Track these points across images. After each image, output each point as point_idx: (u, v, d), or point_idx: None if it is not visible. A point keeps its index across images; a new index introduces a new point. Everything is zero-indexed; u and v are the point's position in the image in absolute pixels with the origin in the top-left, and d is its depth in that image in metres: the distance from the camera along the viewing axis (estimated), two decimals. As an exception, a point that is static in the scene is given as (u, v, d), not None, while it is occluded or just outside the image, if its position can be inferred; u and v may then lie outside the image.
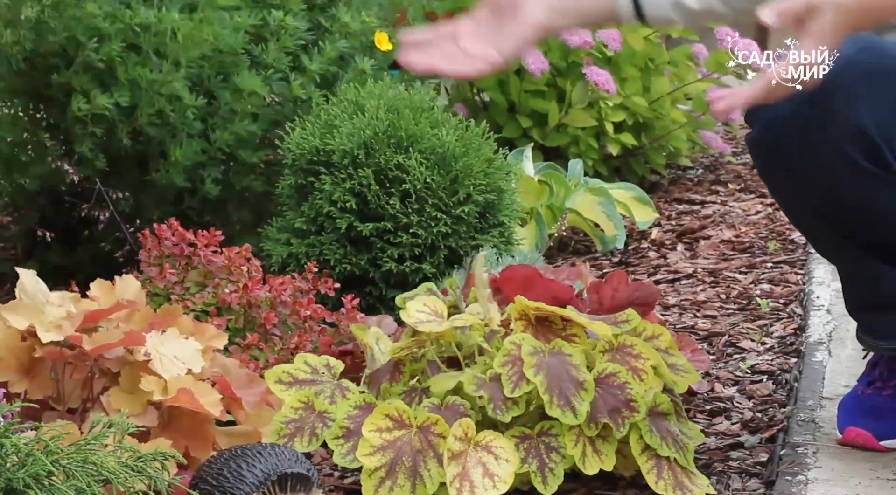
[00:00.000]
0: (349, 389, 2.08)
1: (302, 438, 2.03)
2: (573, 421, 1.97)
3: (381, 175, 2.73)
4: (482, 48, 2.04)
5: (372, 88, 2.84)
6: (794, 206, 2.10)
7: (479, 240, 2.77)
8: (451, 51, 2.05)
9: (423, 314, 2.05)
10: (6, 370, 2.03)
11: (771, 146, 2.02)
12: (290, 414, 2.05)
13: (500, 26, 2.07)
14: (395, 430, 1.95)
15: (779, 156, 2.01)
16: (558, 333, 2.08)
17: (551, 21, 2.08)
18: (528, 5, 2.07)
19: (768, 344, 2.69)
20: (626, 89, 3.82)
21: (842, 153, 1.96)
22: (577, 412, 1.97)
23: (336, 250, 2.72)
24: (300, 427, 2.04)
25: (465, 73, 2.04)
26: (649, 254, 3.34)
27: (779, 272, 3.13)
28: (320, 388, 2.08)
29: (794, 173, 2.01)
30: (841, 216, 2.03)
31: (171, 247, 2.50)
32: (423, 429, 1.96)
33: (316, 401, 2.05)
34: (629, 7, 2.12)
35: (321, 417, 2.03)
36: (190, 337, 2.13)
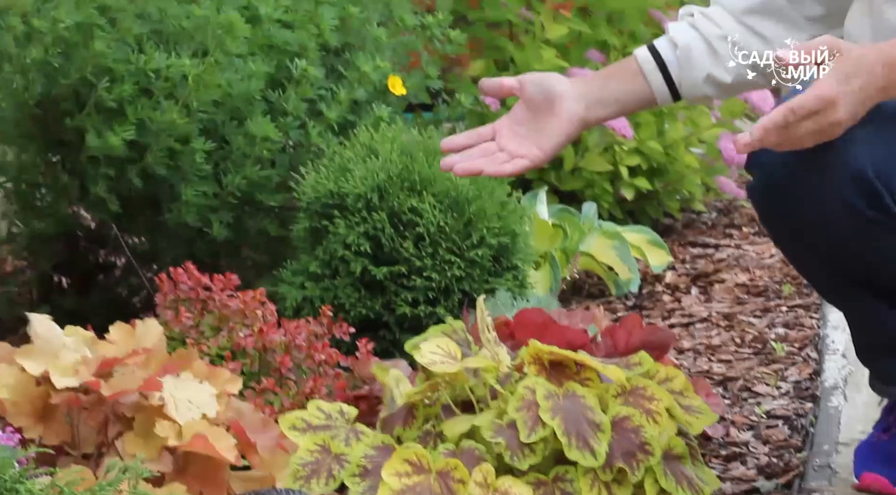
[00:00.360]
0: (363, 433, 2.08)
1: (319, 480, 2.03)
2: (593, 463, 1.97)
3: (395, 218, 2.73)
4: (523, 147, 2.08)
5: (385, 132, 2.85)
6: (796, 254, 2.10)
7: (492, 283, 2.77)
8: (491, 151, 2.09)
9: (437, 355, 2.05)
10: (20, 415, 2.03)
11: (770, 194, 2.02)
12: (307, 457, 2.05)
13: (538, 123, 2.11)
14: (414, 475, 1.95)
15: (779, 204, 2.01)
16: (572, 377, 2.08)
17: (589, 114, 2.13)
18: (565, 101, 2.11)
19: (783, 388, 2.68)
20: (641, 134, 3.83)
21: (841, 199, 1.95)
22: (597, 453, 1.97)
23: (350, 294, 2.73)
24: (316, 469, 2.04)
25: (508, 172, 2.08)
26: (663, 297, 3.34)
27: (794, 316, 3.13)
28: (335, 433, 2.08)
29: (795, 221, 2.01)
30: (844, 262, 2.03)
31: (186, 291, 2.50)
32: (443, 474, 1.95)
33: (332, 444, 2.05)
34: (664, 91, 2.16)
35: (338, 459, 2.04)
36: (205, 381, 2.13)
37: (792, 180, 1.98)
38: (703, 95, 2.19)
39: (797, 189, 1.98)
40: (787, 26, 2.14)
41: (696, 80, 2.16)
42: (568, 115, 2.10)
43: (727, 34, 2.15)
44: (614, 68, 2.22)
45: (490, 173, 2.09)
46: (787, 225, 2.04)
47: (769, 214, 2.06)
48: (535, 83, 2.13)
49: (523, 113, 2.12)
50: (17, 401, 2.03)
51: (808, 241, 2.02)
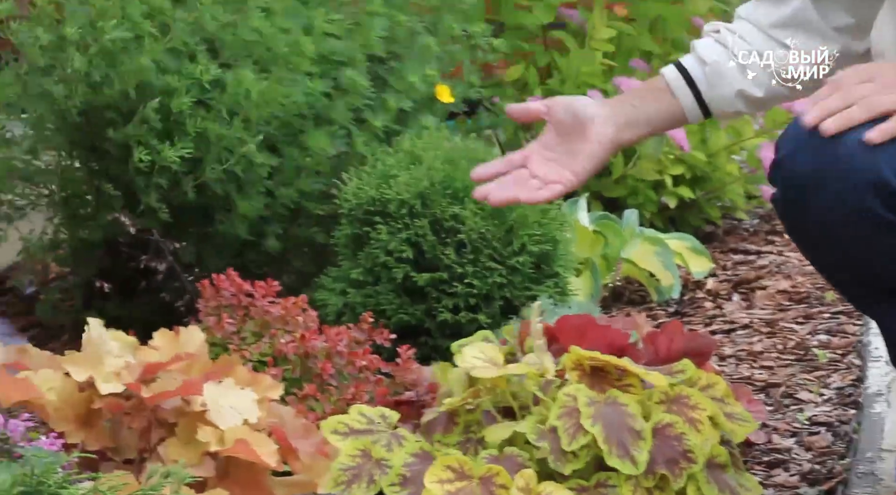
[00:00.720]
0: (405, 438, 2.09)
1: (360, 484, 2.03)
2: (633, 471, 1.97)
3: (437, 225, 2.74)
4: (555, 172, 2.08)
5: (429, 139, 2.85)
6: (822, 263, 2.09)
7: (534, 290, 2.77)
8: (524, 178, 2.09)
9: (479, 360, 2.06)
10: (64, 420, 2.04)
11: (793, 205, 2.01)
12: (348, 462, 2.05)
13: (570, 146, 2.11)
14: (456, 482, 1.95)
15: (802, 214, 2.00)
16: (613, 383, 2.07)
17: (621, 135, 2.13)
18: (595, 124, 2.11)
19: (826, 395, 2.67)
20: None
21: (864, 206, 1.94)
22: (637, 461, 1.97)
23: (392, 300, 2.73)
24: (358, 474, 2.04)
25: (543, 199, 2.08)
26: (705, 304, 3.32)
27: (836, 322, 3.11)
28: (376, 437, 2.09)
29: (818, 230, 2.00)
30: (869, 270, 2.01)
31: (228, 298, 2.51)
32: (485, 481, 1.95)
33: (373, 449, 2.05)
34: (695, 108, 2.15)
35: (379, 464, 2.04)
36: (246, 387, 2.14)
37: (813, 190, 1.97)
38: (734, 111, 2.19)
39: (818, 199, 1.97)
40: (815, 38, 2.14)
41: (726, 96, 2.16)
42: (599, 137, 2.11)
43: (755, 48, 2.15)
44: (642, 88, 2.22)
45: (525, 200, 2.10)
46: (811, 234, 2.03)
47: (793, 225, 2.05)
48: (563, 107, 2.13)
49: (553, 137, 2.12)
50: (60, 407, 2.05)
51: (833, 250, 2.02)
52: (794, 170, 1.96)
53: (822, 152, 1.91)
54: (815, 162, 1.92)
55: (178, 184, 2.86)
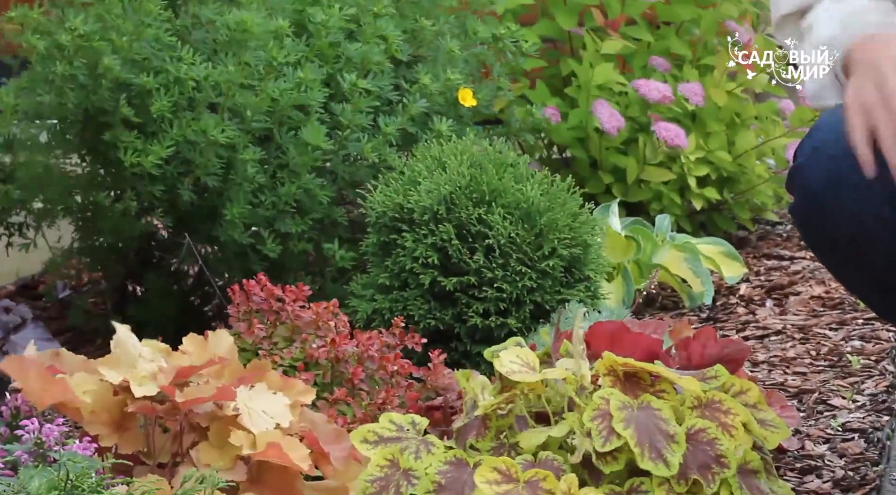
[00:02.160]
0: (434, 444, 2.08)
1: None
2: (665, 473, 1.96)
3: (464, 230, 2.73)
4: None
5: (455, 145, 2.85)
6: (841, 274, 2.08)
7: (564, 294, 2.76)
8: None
9: (516, 365, 2.06)
10: (98, 424, 2.05)
11: (811, 216, 2.00)
12: (376, 473, 2.04)
13: None
14: (503, 484, 1.95)
15: (819, 225, 1.99)
16: (646, 389, 2.07)
17: None
18: None
19: (860, 401, 2.65)
20: (711, 144, 3.80)
21: (880, 217, 1.93)
22: (670, 464, 1.96)
23: (420, 305, 2.73)
24: (385, 485, 2.03)
25: None
26: (738, 309, 3.31)
27: (870, 329, 3.09)
28: (405, 445, 2.08)
29: (836, 241, 1.99)
30: (889, 279, 2.00)
31: (259, 303, 2.51)
32: (531, 484, 1.95)
33: (401, 458, 2.04)
34: None
35: (406, 475, 2.03)
36: (278, 392, 2.14)
37: (830, 201, 1.96)
38: None
39: (835, 210, 1.96)
40: None
41: None
42: None
43: None
44: None
45: None
46: (828, 245, 2.02)
47: (810, 236, 2.04)
48: None
49: None
50: (95, 410, 2.05)
51: (851, 261, 2.01)
52: (810, 180, 1.95)
53: (836, 162, 1.90)
54: (830, 174, 1.91)
55: (175, 187, 2.84)
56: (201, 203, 2.88)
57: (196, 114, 2.78)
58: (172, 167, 2.82)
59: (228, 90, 2.77)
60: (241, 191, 2.82)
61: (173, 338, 2.24)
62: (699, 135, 3.78)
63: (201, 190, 2.86)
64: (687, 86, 3.73)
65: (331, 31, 2.92)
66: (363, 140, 2.90)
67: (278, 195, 2.86)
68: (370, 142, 2.90)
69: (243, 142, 2.81)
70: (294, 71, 2.84)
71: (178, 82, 2.78)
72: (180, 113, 2.79)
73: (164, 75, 2.79)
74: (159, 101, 2.75)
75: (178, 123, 2.77)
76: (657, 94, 3.67)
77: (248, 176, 2.81)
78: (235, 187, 2.82)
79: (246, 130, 2.82)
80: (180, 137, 2.76)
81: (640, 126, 3.75)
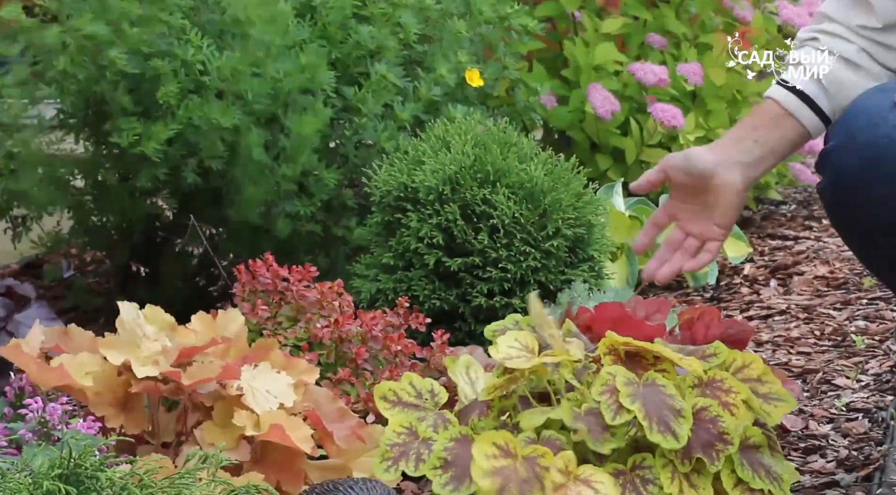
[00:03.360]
0: (450, 421, 2.09)
1: (408, 462, 2.04)
2: (675, 445, 1.96)
3: (468, 210, 2.73)
4: (705, 226, 2.09)
5: (460, 124, 2.85)
6: (867, 257, 2.08)
7: (568, 274, 2.76)
8: (679, 241, 2.13)
9: (514, 350, 2.05)
10: (103, 404, 2.05)
11: (839, 200, 1.99)
12: (394, 438, 2.06)
13: (704, 201, 2.10)
14: (501, 458, 1.96)
15: (847, 209, 1.99)
16: (648, 369, 2.07)
17: (749, 175, 2.10)
18: (718, 176, 2.08)
19: (864, 381, 2.65)
20: (711, 122, 3.79)
21: None
22: (679, 436, 1.97)
23: (425, 286, 2.73)
24: (405, 451, 2.05)
25: (706, 263, 2.11)
26: (742, 289, 3.31)
27: (874, 309, 3.09)
28: (423, 415, 2.10)
29: (862, 226, 1.99)
30: None
31: (264, 283, 2.51)
32: (529, 460, 1.96)
33: (420, 427, 2.06)
34: (818, 124, 2.09)
35: (426, 443, 2.05)
36: (282, 371, 2.14)
37: (859, 188, 1.96)
38: None
39: (864, 196, 1.96)
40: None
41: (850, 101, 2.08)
42: (727, 189, 2.07)
43: (862, 47, 2.08)
44: (754, 120, 2.11)
45: (688, 269, 2.13)
46: (854, 230, 2.02)
47: (837, 218, 2.04)
48: (679, 170, 2.09)
49: (684, 194, 2.10)
50: (99, 391, 2.05)
51: (877, 246, 2.00)
52: (844, 163, 1.95)
53: (872, 147, 1.89)
54: (862, 161, 1.91)
55: (179, 171, 2.84)
56: (205, 185, 2.88)
57: (203, 98, 2.78)
58: (175, 149, 2.82)
59: (234, 76, 2.77)
60: (257, 172, 2.82)
61: (178, 320, 2.24)
62: (699, 114, 3.77)
63: (205, 172, 2.86)
64: (685, 66, 3.72)
65: (336, 11, 2.91)
66: (379, 127, 2.90)
67: (278, 177, 2.86)
68: (385, 130, 2.90)
69: (247, 124, 2.81)
70: (297, 53, 2.84)
71: (186, 66, 2.77)
72: (186, 97, 2.78)
73: (171, 59, 2.78)
74: (166, 86, 2.75)
75: (185, 107, 2.77)
76: (653, 77, 3.66)
77: (254, 159, 2.81)
78: (244, 168, 2.82)
79: (249, 113, 2.82)
80: (186, 121, 2.76)
81: (640, 106, 3.75)
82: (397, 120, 2.93)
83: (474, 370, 2.13)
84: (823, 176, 2.01)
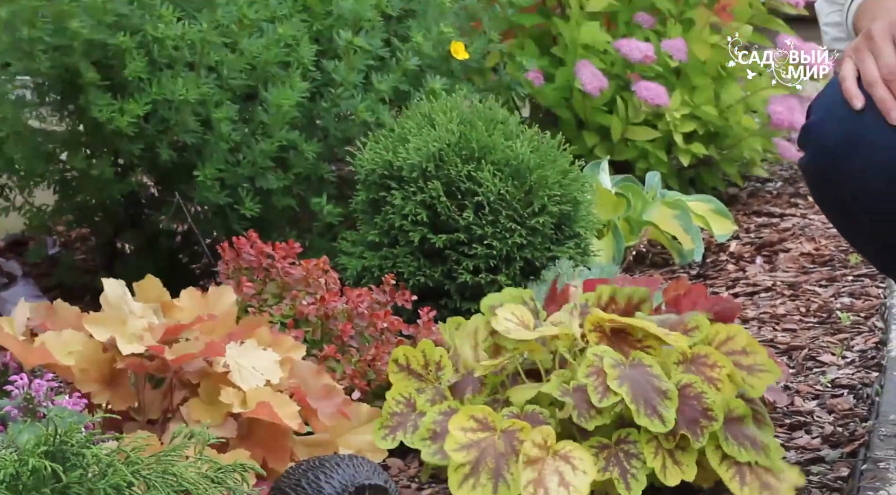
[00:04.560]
0: (446, 397, 2.11)
1: (405, 433, 2.11)
2: (662, 429, 1.98)
3: (453, 187, 2.73)
4: None
5: (445, 102, 2.84)
6: (849, 232, 2.08)
7: (554, 251, 2.76)
8: None
9: (512, 323, 2.06)
10: (88, 381, 2.05)
11: (821, 174, 2.00)
12: (394, 407, 2.13)
13: None
14: (479, 432, 1.98)
15: (829, 183, 1.99)
16: (634, 345, 2.08)
17: None
18: None
19: (849, 358, 2.66)
20: (696, 98, 3.79)
21: (890, 178, 1.93)
22: (665, 419, 1.98)
23: (410, 263, 2.72)
24: (402, 422, 2.11)
25: None
26: (728, 266, 3.31)
27: (860, 285, 3.10)
28: (423, 388, 2.13)
29: (845, 200, 1.99)
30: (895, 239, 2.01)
31: (249, 260, 2.51)
32: (508, 434, 1.97)
33: (418, 400, 2.09)
34: None
35: (422, 416, 2.10)
36: (268, 348, 2.14)
37: (841, 160, 1.96)
38: None
39: (846, 169, 1.96)
40: None
41: None
42: None
43: None
44: None
45: None
46: (837, 204, 2.02)
47: (820, 193, 2.04)
48: None
49: None
50: (85, 368, 2.05)
51: (859, 220, 2.01)
52: (825, 136, 1.95)
53: (852, 120, 1.90)
54: (845, 130, 1.91)
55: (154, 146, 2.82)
56: (182, 162, 2.86)
57: (174, 72, 2.76)
58: (151, 126, 2.80)
59: (203, 48, 2.75)
60: (219, 149, 2.81)
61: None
62: (684, 91, 3.77)
63: (181, 148, 2.85)
64: (670, 42, 3.71)
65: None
66: (356, 97, 2.89)
67: (255, 153, 2.84)
68: (363, 101, 2.89)
69: (220, 99, 2.79)
70: (274, 27, 2.82)
71: (157, 41, 2.75)
72: (157, 72, 2.77)
73: (141, 35, 2.76)
74: (133, 63, 2.73)
75: (157, 82, 2.75)
76: (639, 54, 3.65)
77: (223, 134, 2.79)
78: (212, 146, 2.81)
79: (224, 88, 2.80)
80: (159, 96, 2.75)
81: (626, 84, 3.74)
82: (376, 92, 2.91)
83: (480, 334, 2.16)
84: (805, 151, 2.02)
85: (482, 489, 1.94)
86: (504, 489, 1.94)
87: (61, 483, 1.66)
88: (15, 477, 1.65)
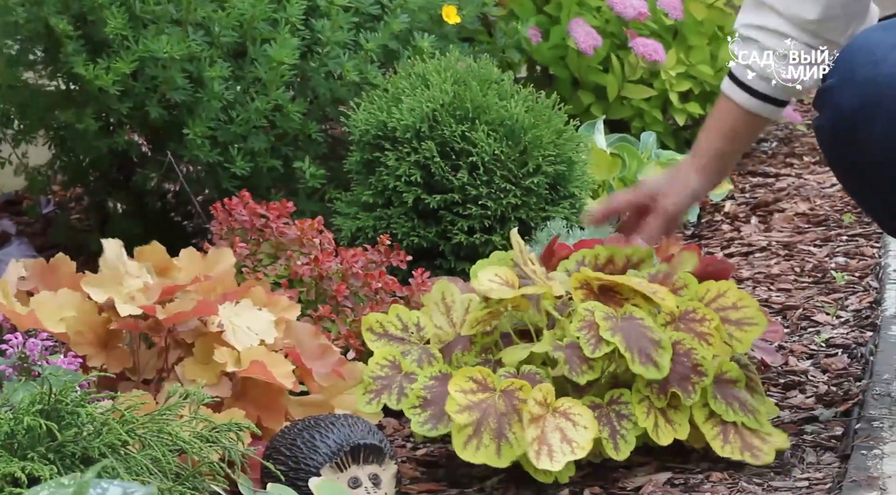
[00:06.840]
0: (434, 356, 2.09)
1: (390, 396, 2.05)
2: (657, 375, 1.98)
3: (447, 147, 2.72)
4: None
5: (439, 62, 2.83)
6: (863, 197, 2.08)
7: (549, 211, 2.76)
8: None
9: (494, 283, 2.06)
10: (84, 344, 2.05)
11: (837, 138, 1.99)
12: (377, 371, 2.07)
13: None
14: (478, 393, 1.97)
15: (845, 147, 1.99)
16: (621, 303, 2.08)
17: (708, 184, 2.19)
18: None
19: (843, 317, 2.66)
20: (692, 58, 3.78)
21: None
22: (660, 366, 1.98)
23: (404, 223, 2.72)
24: (387, 385, 2.06)
25: None
26: (723, 226, 3.31)
27: (854, 245, 3.10)
28: (407, 349, 2.10)
29: (860, 164, 1.99)
30: None
31: (241, 221, 2.50)
32: (507, 393, 1.97)
33: (403, 362, 2.07)
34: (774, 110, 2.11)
35: (409, 377, 2.06)
36: (263, 308, 2.14)
37: (858, 126, 1.95)
38: None
39: (862, 135, 1.95)
40: None
41: None
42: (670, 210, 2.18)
43: None
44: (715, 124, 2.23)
45: None
46: (851, 168, 2.02)
47: (834, 156, 2.04)
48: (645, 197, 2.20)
49: None
50: (80, 331, 2.05)
51: (873, 186, 2.00)
52: (844, 100, 1.94)
53: (872, 84, 1.89)
54: (864, 94, 1.90)
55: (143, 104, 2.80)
56: (173, 120, 2.85)
57: (158, 29, 2.74)
58: (140, 83, 2.79)
59: (189, 4, 2.73)
60: (210, 107, 2.79)
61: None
62: (680, 50, 3.75)
63: (172, 106, 2.83)
64: (665, 0, 3.70)
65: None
66: (343, 57, 2.87)
67: (250, 111, 2.83)
68: (351, 60, 2.87)
69: (211, 57, 2.77)
70: None
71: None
72: (141, 29, 2.75)
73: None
74: (113, 21, 2.71)
75: (142, 39, 2.73)
76: (632, 11, 3.64)
77: (216, 93, 2.78)
78: (203, 104, 2.79)
79: (215, 45, 2.79)
80: (146, 53, 2.73)
81: (621, 42, 3.73)
82: (365, 51, 2.89)
83: (450, 294, 2.14)
84: (821, 113, 2.01)
85: (485, 450, 1.94)
86: (507, 448, 1.94)
87: (56, 441, 1.67)
88: (10, 436, 1.65)
